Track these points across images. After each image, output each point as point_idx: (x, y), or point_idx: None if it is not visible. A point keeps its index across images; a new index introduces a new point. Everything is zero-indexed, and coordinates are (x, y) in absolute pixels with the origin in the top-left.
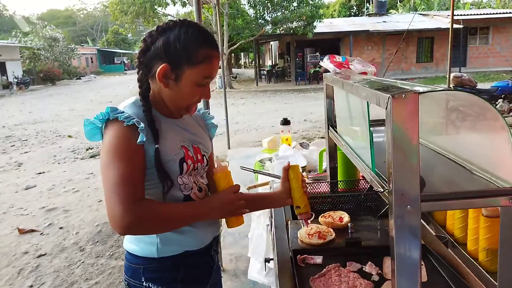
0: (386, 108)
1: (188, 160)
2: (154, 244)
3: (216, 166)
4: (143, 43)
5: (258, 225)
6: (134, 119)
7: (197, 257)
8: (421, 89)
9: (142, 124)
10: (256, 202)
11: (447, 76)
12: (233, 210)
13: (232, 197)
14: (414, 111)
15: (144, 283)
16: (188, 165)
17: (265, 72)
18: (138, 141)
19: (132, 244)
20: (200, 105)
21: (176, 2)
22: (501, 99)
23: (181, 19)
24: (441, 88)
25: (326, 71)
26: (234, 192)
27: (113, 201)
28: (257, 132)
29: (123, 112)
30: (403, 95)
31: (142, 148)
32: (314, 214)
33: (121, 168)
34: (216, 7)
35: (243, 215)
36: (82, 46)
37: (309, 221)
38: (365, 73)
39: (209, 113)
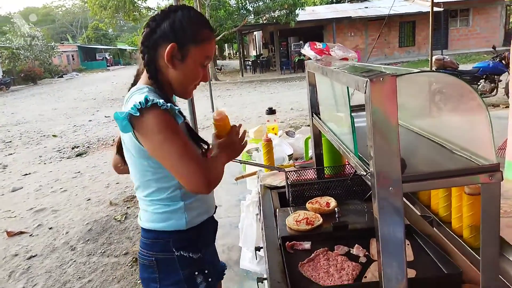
0: (365, 92)
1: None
2: (183, 218)
3: (215, 115)
4: (147, 28)
5: (247, 215)
6: (169, 104)
7: (209, 223)
8: (398, 72)
9: (177, 107)
10: None
11: (429, 59)
12: (239, 149)
13: (236, 139)
14: (392, 94)
15: (176, 252)
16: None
17: (250, 62)
18: (179, 122)
19: (160, 222)
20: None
21: None
22: (483, 80)
23: (181, 4)
24: (417, 70)
25: (310, 59)
26: (235, 134)
27: (189, 169)
28: (244, 123)
29: (155, 100)
30: (381, 78)
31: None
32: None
33: (179, 140)
34: None
35: None
36: (62, 43)
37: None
38: (346, 59)
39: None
